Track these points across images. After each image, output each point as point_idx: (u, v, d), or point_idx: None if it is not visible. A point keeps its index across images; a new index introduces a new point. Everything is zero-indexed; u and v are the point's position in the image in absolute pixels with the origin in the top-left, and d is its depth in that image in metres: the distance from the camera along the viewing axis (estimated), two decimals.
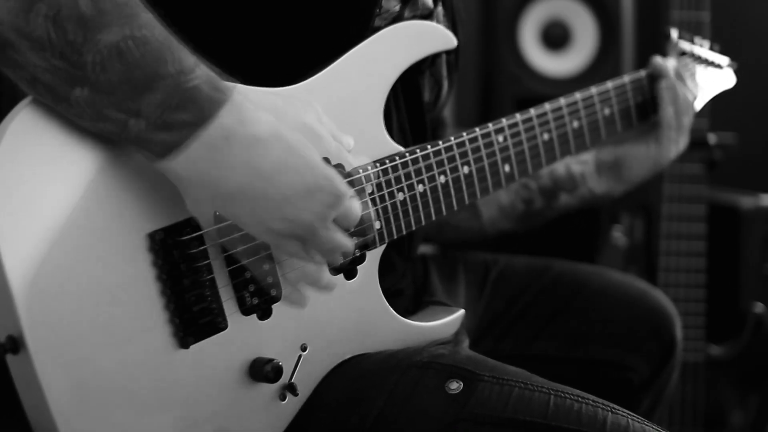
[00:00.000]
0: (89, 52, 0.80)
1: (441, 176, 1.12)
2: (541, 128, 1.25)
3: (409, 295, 1.26)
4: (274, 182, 0.86)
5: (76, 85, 0.81)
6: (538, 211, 1.44)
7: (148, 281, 0.89)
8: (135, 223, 0.88)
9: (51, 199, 0.83)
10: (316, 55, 1.06)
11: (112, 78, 0.81)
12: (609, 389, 1.28)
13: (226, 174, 0.85)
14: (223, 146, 0.84)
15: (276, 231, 0.89)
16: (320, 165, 0.89)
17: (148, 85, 0.82)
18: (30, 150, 0.83)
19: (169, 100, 0.82)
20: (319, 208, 0.88)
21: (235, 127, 0.85)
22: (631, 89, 1.39)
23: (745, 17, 2.56)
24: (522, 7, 2.33)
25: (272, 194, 0.86)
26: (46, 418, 0.82)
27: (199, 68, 0.85)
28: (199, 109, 0.83)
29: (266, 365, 0.96)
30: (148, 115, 0.82)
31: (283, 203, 0.87)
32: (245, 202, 0.86)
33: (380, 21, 1.11)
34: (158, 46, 0.83)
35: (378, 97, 1.09)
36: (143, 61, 0.82)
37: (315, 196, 0.88)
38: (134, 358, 0.87)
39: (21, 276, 0.80)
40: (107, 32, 0.81)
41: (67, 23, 0.80)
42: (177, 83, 0.83)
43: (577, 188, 1.43)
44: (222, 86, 0.85)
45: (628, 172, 1.43)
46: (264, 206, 0.87)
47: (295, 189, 0.87)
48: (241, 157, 0.85)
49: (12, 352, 0.81)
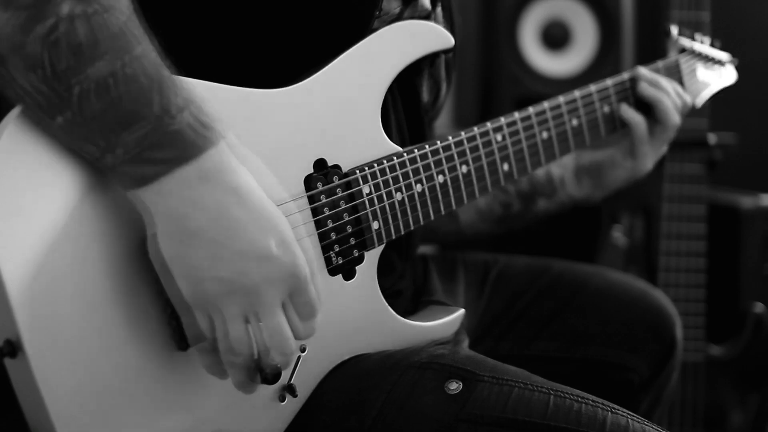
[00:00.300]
0: (76, 84, 0.79)
1: (439, 176, 1.12)
2: (540, 127, 1.25)
3: (409, 295, 1.26)
4: (235, 233, 0.84)
5: (57, 113, 0.81)
6: (516, 215, 1.44)
7: (145, 283, 0.88)
8: (133, 226, 0.87)
9: (47, 202, 0.83)
10: (315, 57, 1.06)
11: (90, 113, 0.80)
12: (609, 389, 1.28)
13: (190, 212, 0.83)
14: (197, 186, 0.82)
15: (202, 292, 0.85)
16: (288, 240, 0.86)
17: (127, 125, 0.81)
18: (26, 154, 0.82)
19: (147, 140, 0.81)
20: (273, 274, 0.85)
21: (213, 171, 0.83)
22: (631, 86, 1.39)
23: (745, 17, 2.56)
24: (522, 7, 2.33)
25: (230, 244, 0.84)
26: (44, 422, 0.82)
27: (186, 111, 0.83)
28: (180, 150, 0.82)
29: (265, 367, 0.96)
30: (124, 150, 0.81)
31: (236, 256, 0.84)
32: (201, 245, 0.83)
33: (380, 23, 1.11)
34: (144, 85, 0.81)
35: (376, 97, 1.09)
36: (124, 100, 0.80)
37: (272, 263, 0.85)
38: (132, 361, 0.87)
39: (18, 279, 0.80)
40: (95, 66, 0.80)
41: (60, 51, 0.79)
42: (158, 125, 0.81)
43: (555, 193, 1.44)
44: (208, 134, 0.83)
45: (605, 179, 1.43)
46: (218, 255, 0.84)
47: (253, 248, 0.84)
48: (213, 200, 0.83)
49: (10, 356, 0.81)
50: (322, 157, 1.03)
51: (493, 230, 1.46)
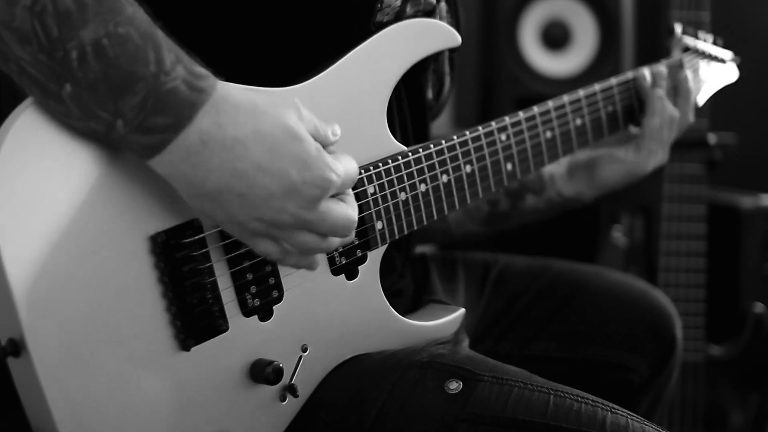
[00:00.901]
0: (72, 49, 0.80)
1: (443, 175, 1.12)
2: (544, 126, 1.25)
3: (409, 294, 1.26)
4: (256, 181, 0.86)
5: (63, 81, 0.81)
6: (504, 213, 1.43)
7: (149, 284, 0.88)
8: (136, 226, 0.87)
9: (53, 201, 0.83)
10: (318, 51, 1.05)
11: (92, 76, 0.81)
12: (609, 389, 1.28)
13: (204, 175, 0.84)
14: (200, 150, 0.84)
15: (252, 230, 0.89)
16: (305, 156, 0.88)
17: (127, 87, 0.81)
18: (31, 151, 0.82)
19: (147, 103, 0.82)
20: (306, 200, 0.88)
21: (213, 129, 0.84)
22: (635, 86, 1.39)
23: (745, 17, 2.57)
24: (522, 7, 2.33)
25: (256, 192, 0.86)
26: (47, 421, 0.82)
27: (179, 66, 0.84)
28: (177, 112, 0.82)
29: (267, 367, 0.96)
30: (129, 117, 0.82)
31: (267, 200, 0.86)
32: (225, 202, 0.86)
33: (382, 16, 1.11)
34: (139, 44, 0.82)
35: (381, 96, 1.08)
36: (121, 60, 0.81)
37: (301, 191, 0.87)
38: (135, 361, 0.87)
39: (22, 279, 0.80)
40: (88, 29, 0.80)
41: (50, 18, 0.79)
42: (155, 85, 0.82)
43: (544, 190, 1.42)
44: (202, 86, 0.84)
45: (599, 174, 1.40)
46: (243, 206, 0.86)
47: (277, 187, 0.86)
48: (219, 159, 0.84)
49: (13, 355, 0.81)
50: None
51: (481, 231, 1.45)
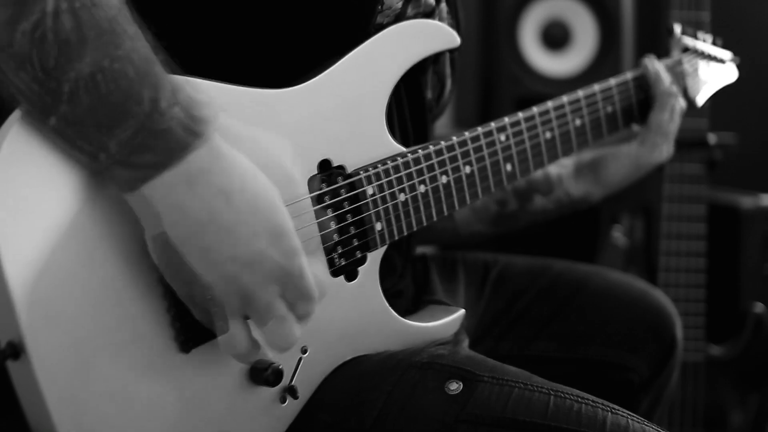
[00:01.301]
0: (65, 82, 0.78)
1: (443, 176, 1.12)
2: (544, 126, 1.25)
3: (409, 295, 1.26)
4: (225, 238, 0.83)
5: (49, 113, 0.79)
6: (512, 214, 1.43)
7: (149, 285, 0.88)
8: (136, 226, 0.87)
9: (52, 203, 0.82)
10: (318, 53, 1.05)
11: (81, 111, 0.79)
12: (609, 389, 1.28)
13: (179, 218, 0.82)
14: (184, 191, 0.82)
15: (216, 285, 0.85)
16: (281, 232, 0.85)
17: (116, 122, 0.79)
18: (31, 154, 0.82)
19: (135, 139, 0.80)
20: (262, 276, 0.85)
21: (201, 174, 0.82)
22: (634, 86, 1.39)
23: (745, 17, 2.56)
24: (522, 7, 2.33)
25: (221, 249, 0.83)
26: (46, 424, 0.82)
27: (177, 107, 0.81)
28: (167, 151, 0.81)
29: (266, 369, 0.95)
30: (113, 152, 0.80)
31: (228, 262, 0.83)
32: (192, 250, 0.83)
33: (382, 18, 1.11)
34: (134, 80, 0.80)
35: (381, 97, 1.08)
36: (112, 97, 0.79)
37: (262, 265, 0.84)
38: (135, 363, 0.87)
39: (21, 281, 0.80)
40: (83, 62, 0.78)
41: (48, 47, 0.78)
42: (148, 123, 0.80)
43: (552, 190, 1.42)
44: (199, 130, 0.82)
45: (605, 172, 1.41)
46: (209, 259, 0.83)
47: (243, 251, 0.83)
48: (200, 205, 0.82)
49: (12, 358, 0.80)
50: (327, 157, 1.03)
51: (489, 231, 1.45)
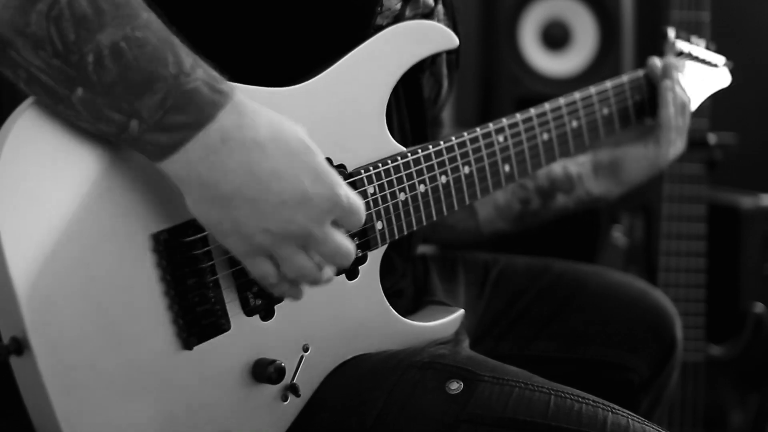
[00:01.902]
0: (89, 53, 0.80)
1: (442, 176, 1.13)
2: (541, 128, 1.25)
3: (410, 295, 1.26)
4: (270, 186, 0.85)
5: (75, 85, 0.81)
6: (535, 212, 1.44)
7: (151, 282, 0.89)
8: (139, 224, 0.88)
9: (55, 199, 0.83)
10: (318, 54, 1.06)
11: (109, 79, 0.81)
12: (609, 389, 1.28)
13: (222, 177, 0.84)
14: (220, 149, 0.84)
15: (257, 245, 0.88)
16: (319, 169, 0.88)
17: (146, 87, 0.82)
18: (33, 150, 0.83)
19: (167, 102, 0.82)
20: (316, 212, 0.87)
21: (233, 130, 0.84)
22: (630, 89, 1.39)
23: (745, 17, 2.56)
24: (522, 7, 2.33)
25: (268, 198, 0.86)
26: (49, 420, 0.82)
27: (199, 69, 0.84)
28: (198, 111, 0.83)
29: (269, 366, 0.96)
30: (146, 116, 0.82)
31: (278, 207, 0.86)
32: (235, 209, 0.86)
33: (382, 19, 1.11)
34: (157, 46, 0.83)
35: (380, 97, 1.09)
36: (140, 62, 0.81)
37: (312, 202, 0.87)
38: (138, 359, 0.87)
39: (25, 277, 0.80)
40: (105, 32, 0.80)
41: (67, 23, 0.80)
42: (176, 85, 0.82)
43: (574, 189, 1.43)
44: (222, 88, 0.85)
45: (625, 173, 1.42)
46: (252, 214, 0.86)
47: (289, 195, 0.86)
48: (238, 160, 0.84)
49: (16, 354, 0.81)
50: (327, 156, 1.03)
51: (510, 229, 1.46)
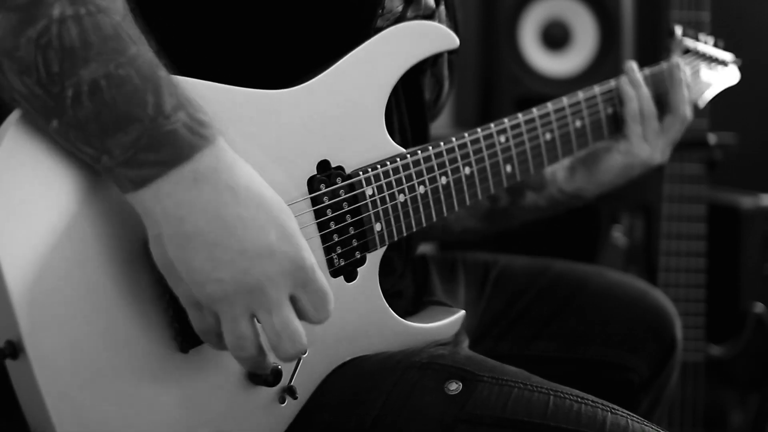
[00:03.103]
0: (69, 87, 0.79)
1: (442, 177, 1.12)
2: (544, 128, 1.25)
3: (409, 296, 1.26)
4: (234, 232, 0.82)
5: (51, 117, 0.80)
6: (504, 210, 1.43)
7: (147, 285, 0.88)
8: (134, 227, 0.87)
9: (49, 203, 0.83)
10: (318, 56, 1.05)
11: (84, 115, 0.80)
12: (609, 389, 1.28)
13: (187, 214, 0.82)
14: (190, 187, 0.81)
15: (205, 295, 0.84)
16: (290, 229, 0.85)
17: (119, 127, 0.80)
18: (28, 156, 0.82)
19: (140, 142, 0.80)
20: (275, 270, 0.83)
21: (208, 172, 0.82)
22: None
23: (745, 17, 2.56)
24: (522, 7, 2.33)
25: (230, 244, 0.82)
26: (45, 423, 0.82)
27: (181, 111, 0.82)
28: (173, 150, 0.81)
29: None
30: (116, 154, 0.80)
31: (237, 256, 0.82)
32: (192, 250, 0.82)
33: (383, 21, 1.11)
34: (138, 87, 0.80)
35: (380, 97, 1.08)
36: (117, 102, 0.80)
37: (274, 257, 0.84)
38: (133, 363, 0.87)
39: (20, 281, 0.80)
40: (89, 68, 0.79)
41: (53, 53, 0.78)
42: (152, 127, 0.80)
43: (545, 187, 1.41)
44: (204, 132, 0.82)
45: (598, 168, 1.39)
46: (208, 259, 0.82)
47: (251, 245, 0.83)
48: (207, 201, 0.82)
49: (11, 357, 0.81)
50: (326, 158, 1.03)
51: (481, 228, 1.45)
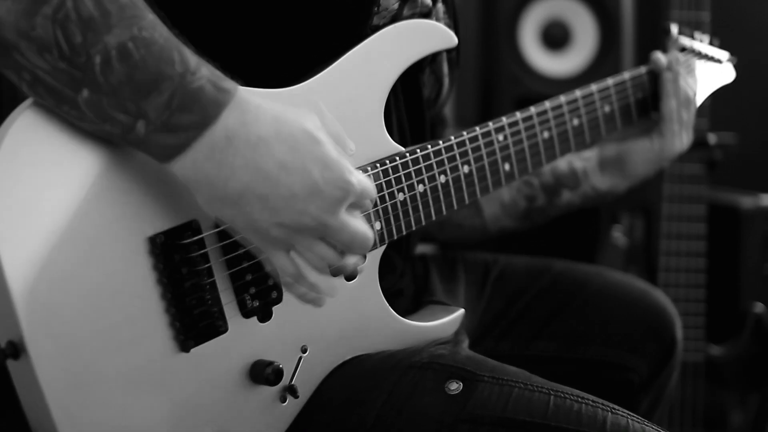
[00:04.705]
0: (96, 54, 0.81)
1: (441, 176, 1.12)
2: (541, 126, 1.25)
3: (409, 295, 1.26)
4: (279, 181, 0.86)
5: (81, 87, 0.81)
6: (541, 209, 1.44)
7: (148, 285, 0.89)
8: (135, 227, 0.88)
9: (52, 202, 0.83)
10: (315, 54, 1.06)
11: (117, 79, 0.81)
12: (609, 389, 1.28)
13: (230, 174, 0.85)
14: (225, 148, 0.84)
15: (274, 238, 0.88)
16: (327, 158, 0.88)
17: (153, 86, 0.82)
18: (31, 153, 0.83)
19: (173, 102, 0.82)
20: (328, 202, 0.87)
21: (238, 127, 0.85)
22: (632, 86, 1.39)
23: (745, 17, 2.56)
24: (522, 7, 2.33)
25: (279, 192, 0.86)
26: (47, 423, 0.82)
27: (203, 67, 0.85)
28: (203, 110, 0.83)
29: (267, 368, 0.96)
30: (152, 117, 0.82)
31: (290, 201, 0.86)
32: (246, 205, 0.86)
33: (379, 19, 1.11)
34: (164, 46, 0.83)
35: (378, 96, 1.09)
36: (148, 62, 0.82)
37: (323, 192, 0.87)
38: (135, 362, 0.87)
39: (21, 280, 0.80)
40: (113, 33, 0.81)
41: (73, 25, 0.80)
42: (182, 84, 0.83)
43: (579, 185, 1.42)
44: (225, 86, 0.85)
45: (631, 168, 1.41)
46: (264, 209, 0.86)
47: (300, 188, 0.86)
48: (244, 157, 0.85)
49: (13, 357, 0.81)
50: None
51: (517, 226, 1.46)
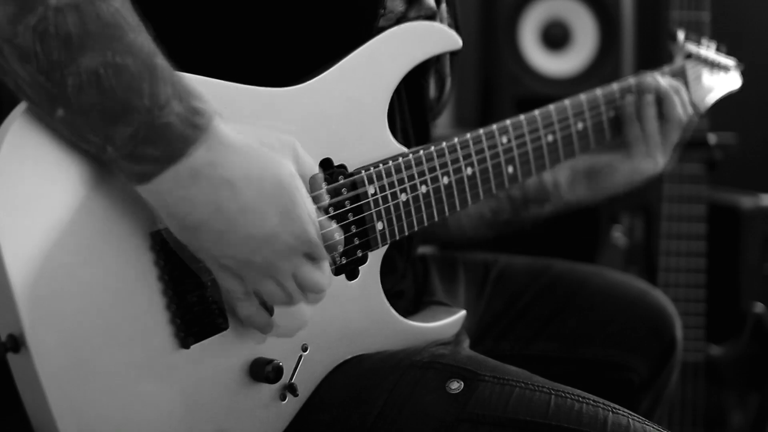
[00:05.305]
0: (70, 75, 0.79)
1: (444, 177, 1.12)
2: (546, 130, 1.25)
3: (410, 295, 1.26)
4: (236, 223, 0.85)
5: (56, 105, 0.80)
6: (506, 221, 1.43)
7: (149, 281, 0.88)
8: (137, 222, 0.88)
9: (53, 198, 0.83)
10: (320, 56, 1.06)
11: (88, 103, 0.80)
12: (609, 389, 1.28)
13: (190, 210, 0.84)
14: (189, 184, 0.83)
15: (223, 265, 0.88)
16: (290, 207, 0.87)
17: (121, 116, 0.81)
18: (32, 150, 0.82)
19: (138, 134, 0.81)
20: (282, 249, 0.87)
21: (204, 166, 0.83)
22: (637, 92, 1.39)
23: (745, 17, 2.57)
24: (522, 7, 2.33)
25: (233, 232, 0.85)
26: (46, 417, 0.82)
27: (175, 101, 0.83)
28: (168, 145, 0.82)
29: (267, 366, 0.96)
30: (119, 145, 0.81)
31: (244, 240, 0.86)
32: (202, 235, 0.86)
33: (385, 21, 1.11)
34: (134, 75, 0.81)
35: (382, 97, 1.09)
36: (116, 91, 0.80)
37: (279, 239, 0.87)
38: (135, 358, 0.87)
39: (22, 275, 0.80)
40: (87, 56, 0.79)
41: (52, 40, 0.78)
42: (148, 118, 0.81)
43: (548, 200, 1.42)
44: (197, 122, 0.83)
45: (601, 184, 1.40)
46: (219, 243, 0.86)
47: (256, 232, 0.86)
48: (207, 195, 0.84)
49: (13, 351, 0.81)
50: (328, 156, 1.03)
51: (484, 235, 1.45)
